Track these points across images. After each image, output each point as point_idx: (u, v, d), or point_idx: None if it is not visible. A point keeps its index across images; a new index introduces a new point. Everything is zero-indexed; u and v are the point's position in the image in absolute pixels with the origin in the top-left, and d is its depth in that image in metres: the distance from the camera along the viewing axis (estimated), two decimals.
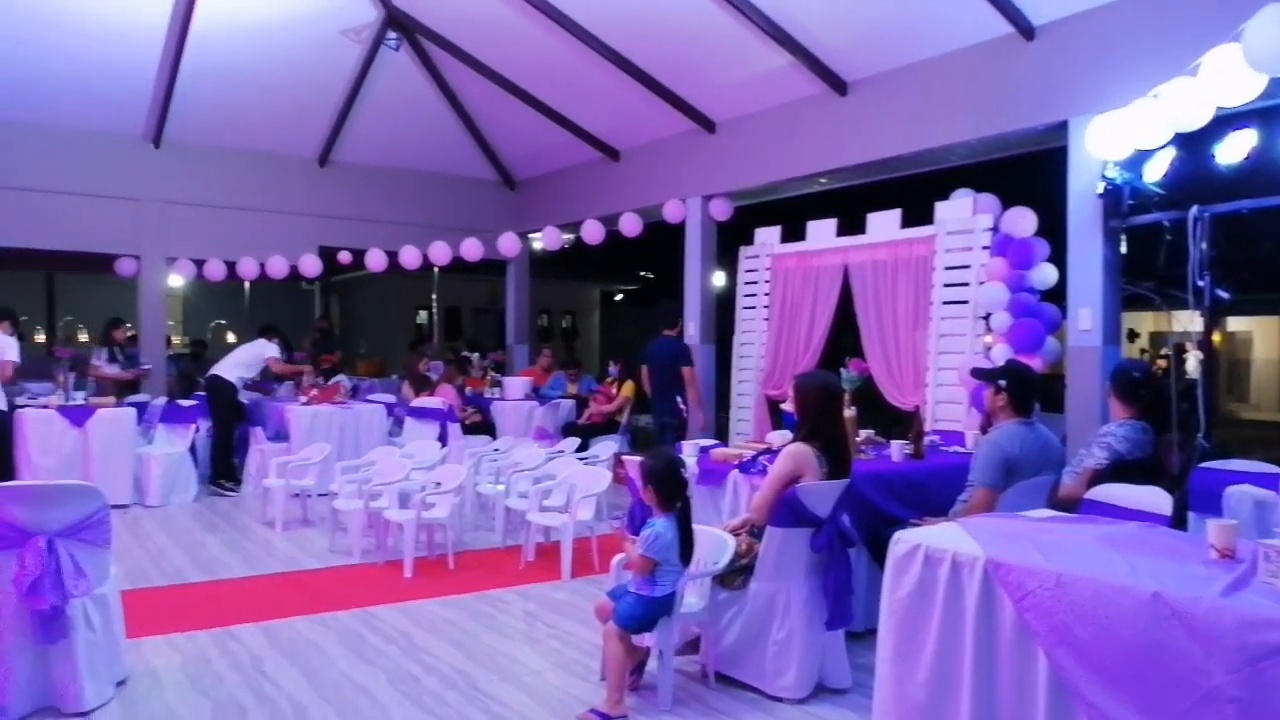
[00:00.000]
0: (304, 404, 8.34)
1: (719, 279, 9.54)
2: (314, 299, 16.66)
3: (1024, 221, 6.13)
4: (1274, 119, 4.74)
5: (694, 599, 3.72)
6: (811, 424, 3.87)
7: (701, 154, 9.04)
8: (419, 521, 5.60)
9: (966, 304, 6.43)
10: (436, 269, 11.46)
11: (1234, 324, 19.86)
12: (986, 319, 6.32)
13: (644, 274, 24.86)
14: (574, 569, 5.48)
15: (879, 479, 4.44)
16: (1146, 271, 5.52)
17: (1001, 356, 5.77)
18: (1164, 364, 10.50)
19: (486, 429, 9.24)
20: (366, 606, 4.86)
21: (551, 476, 6.09)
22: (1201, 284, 4.84)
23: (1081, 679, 2.29)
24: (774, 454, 4.24)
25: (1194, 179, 4.98)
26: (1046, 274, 6.08)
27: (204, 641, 4.29)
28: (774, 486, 3.75)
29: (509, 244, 10.36)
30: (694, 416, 7.32)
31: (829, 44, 7.13)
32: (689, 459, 4.70)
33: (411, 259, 10.41)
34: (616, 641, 3.45)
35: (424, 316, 20.90)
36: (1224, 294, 4.89)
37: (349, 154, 10.95)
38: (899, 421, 6.80)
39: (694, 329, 8.94)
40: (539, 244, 11.20)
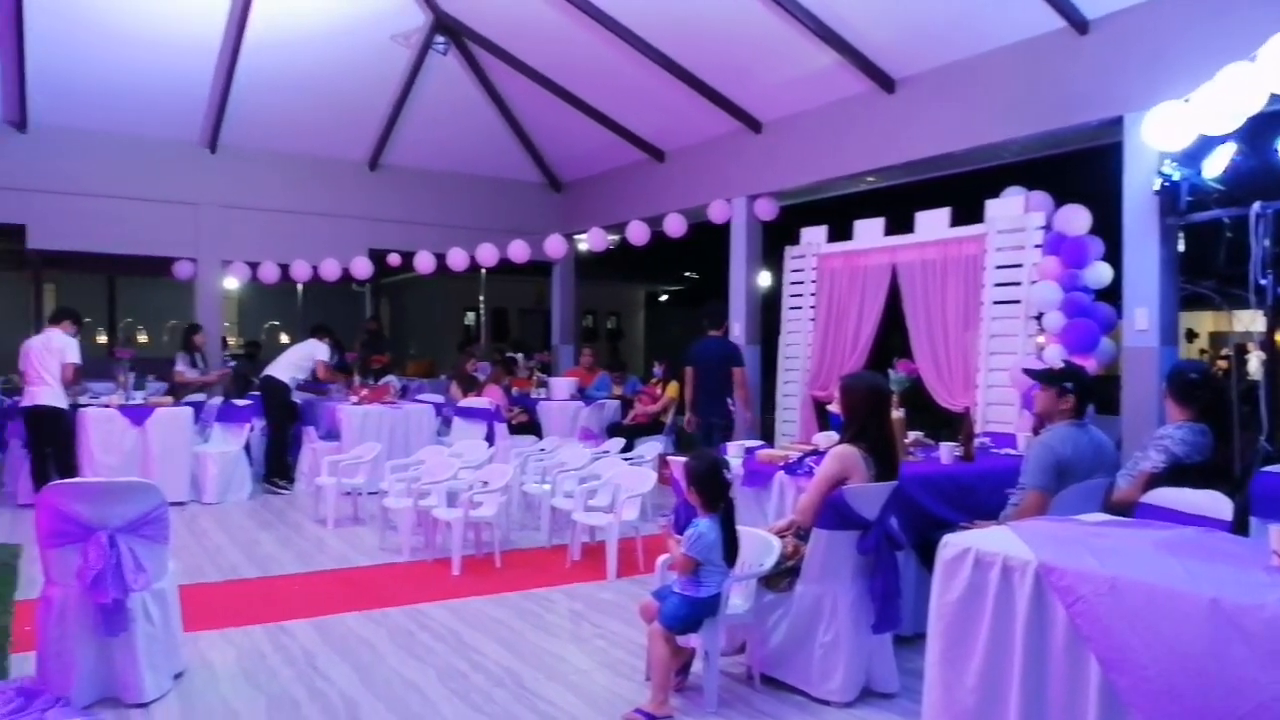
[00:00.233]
0: (355, 404, 8.48)
1: (764, 279, 9.50)
2: (364, 300, 16.92)
3: (1077, 219, 6.01)
4: None
5: (739, 600, 3.71)
6: (858, 425, 3.83)
7: (747, 154, 9.01)
8: (466, 520, 5.66)
9: (1018, 304, 6.32)
10: (483, 270, 11.57)
11: None
12: (1039, 319, 6.21)
13: (689, 274, 24.82)
14: (619, 569, 5.50)
15: (928, 481, 4.39)
16: (1206, 270, 5.40)
17: (1054, 357, 5.67)
18: (1225, 365, 10.22)
19: (532, 429, 9.30)
20: (416, 604, 4.92)
21: (597, 476, 6.12)
22: (1264, 282, 4.71)
23: (1134, 687, 2.24)
24: (820, 456, 4.22)
25: (1256, 175, 4.83)
26: (1101, 273, 5.95)
27: (258, 636, 4.38)
28: (820, 488, 3.73)
29: (555, 245, 10.42)
30: (741, 417, 7.30)
31: (876, 42, 7.07)
32: (734, 460, 4.70)
33: (459, 260, 10.53)
34: (662, 642, 3.46)
35: (471, 318, 21.10)
36: None
37: (398, 157, 11.12)
38: (948, 423, 6.72)
39: (739, 329, 8.92)
40: (584, 245, 11.25)
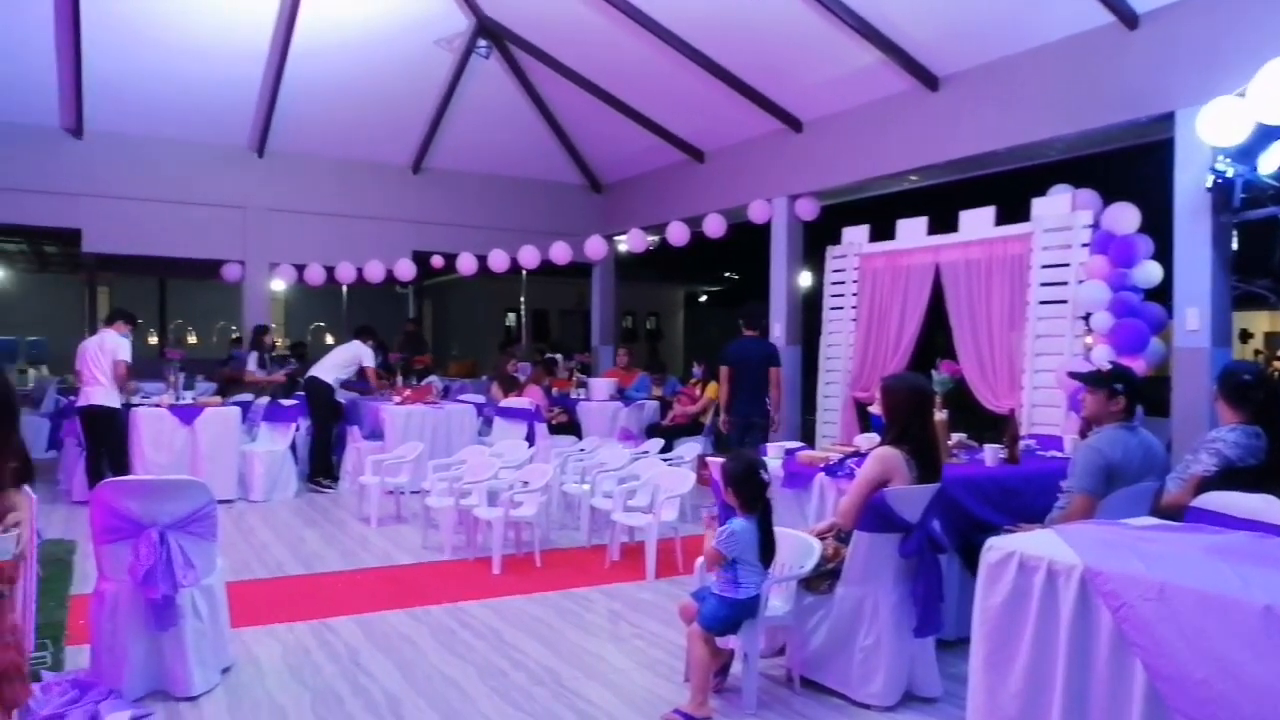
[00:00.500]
0: (398, 404, 8.57)
1: (805, 279, 9.43)
2: (408, 302, 17.14)
3: (1126, 217, 5.88)
4: None
5: (779, 602, 3.70)
6: (900, 427, 3.79)
7: (788, 154, 8.96)
8: (507, 519, 5.71)
9: (1065, 304, 6.21)
10: (524, 272, 11.65)
11: None
12: (1086, 319, 6.09)
13: (729, 275, 24.75)
14: (658, 569, 5.50)
15: (971, 484, 4.33)
16: (1261, 268, 5.26)
17: (1102, 358, 5.56)
18: None
19: (572, 429, 9.35)
20: (457, 602, 4.97)
21: (636, 477, 6.13)
22: None
23: (1181, 694, 2.19)
24: (861, 457, 4.18)
25: None
26: (1150, 272, 5.82)
27: (303, 632, 4.45)
28: (861, 490, 3.69)
29: (595, 247, 10.45)
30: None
31: (919, 39, 6.99)
32: (773, 462, 4.67)
33: (500, 262, 10.62)
34: (701, 643, 3.45)
35: (512, 319, 21.27)
36: None
37: (441, 161, 11.24)
38: (993, 425, 6.61)
39: (780, 330, 8.87)
40: (624, 246, 11.28)
